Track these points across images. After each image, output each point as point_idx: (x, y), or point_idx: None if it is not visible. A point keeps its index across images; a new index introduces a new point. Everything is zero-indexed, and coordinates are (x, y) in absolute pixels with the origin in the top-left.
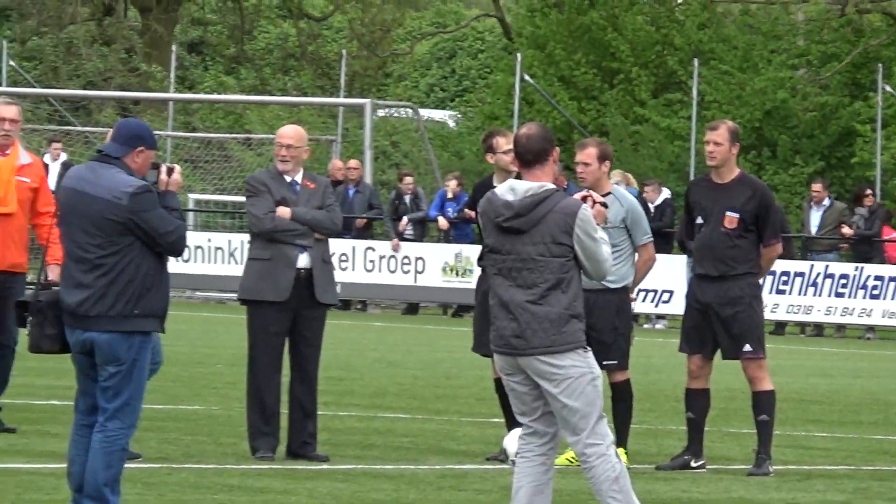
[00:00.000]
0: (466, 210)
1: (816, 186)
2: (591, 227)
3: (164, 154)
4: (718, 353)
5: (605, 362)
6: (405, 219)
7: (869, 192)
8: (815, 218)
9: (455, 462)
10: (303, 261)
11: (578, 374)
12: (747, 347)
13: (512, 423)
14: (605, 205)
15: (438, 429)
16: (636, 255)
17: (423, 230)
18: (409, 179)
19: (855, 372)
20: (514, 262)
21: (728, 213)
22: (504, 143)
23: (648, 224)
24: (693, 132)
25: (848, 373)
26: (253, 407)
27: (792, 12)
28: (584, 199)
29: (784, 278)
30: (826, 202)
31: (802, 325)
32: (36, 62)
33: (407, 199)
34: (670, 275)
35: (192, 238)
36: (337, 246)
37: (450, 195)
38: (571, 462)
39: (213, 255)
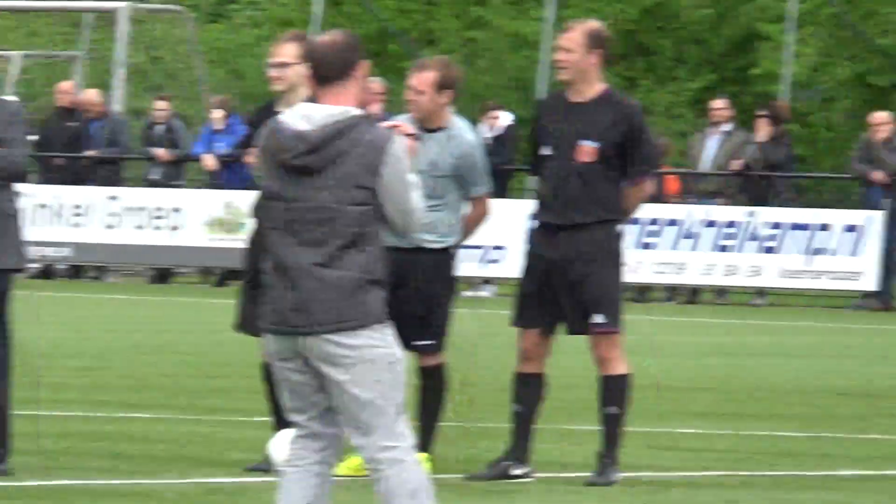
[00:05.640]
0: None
1: (718, 103)
2: (404, 167)
3: None
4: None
5: (415, 342)
6: (157, 153)
7: (772, 112)
8: (710, 148)
9: (226, 475)
10: None
11: (374, 357)
12: (598, 318)
13: (281, 422)
14: (417, 138)
15: (209, 432)
16: (466, 206)
17: (180, 172)
18: (162, 105)
19: (739, 349)
20: (301, 212)
21: (582, 143)
22: (293, 52)
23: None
24: (549, 39)
25: (729, 351)
26: None
27: None
28: (394, 129)
29: (653, 228)
30: (727, 127)
31: (673, 289)
32: None
33: (159, 130)
34: (503, 226)
35: None
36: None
37: (218, 126)
38: (358, 472)
39: None
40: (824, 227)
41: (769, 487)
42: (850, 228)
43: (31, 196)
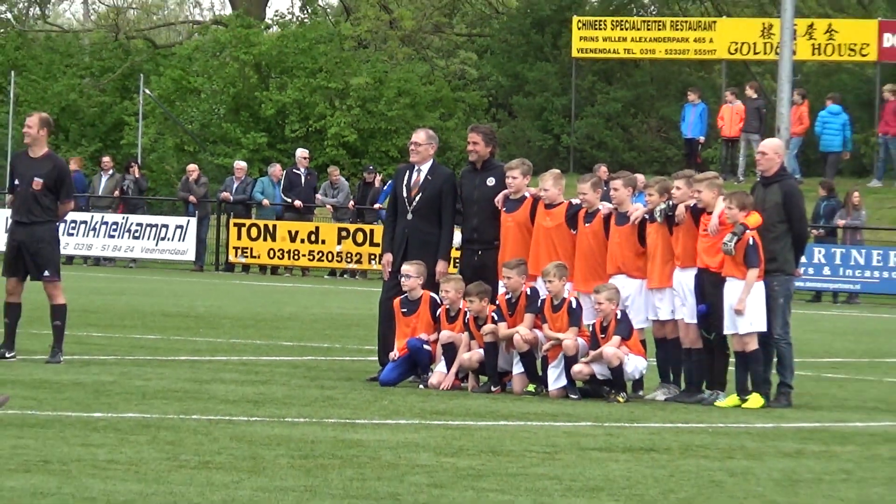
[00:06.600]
0: None
1: (106, 158)
2: None
3: None
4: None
5: None
6: None
7: (134, 163)
8: (103, 182)
9: None
10: None
11: None
12: (46, 273)
13: None
14: None
15: None
16: None
17: None
18: None
19: None
20: None
21: (36, 179)
22: None
23: None
24: (10, 127)
25: None
26: None
27: (81, 38)
28: None
29: None
30: (111, 172)
31: None
32: None
33: None
34: None
35: None
36: None
37: None
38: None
39: None
40: None
41: None
42: None
43: None
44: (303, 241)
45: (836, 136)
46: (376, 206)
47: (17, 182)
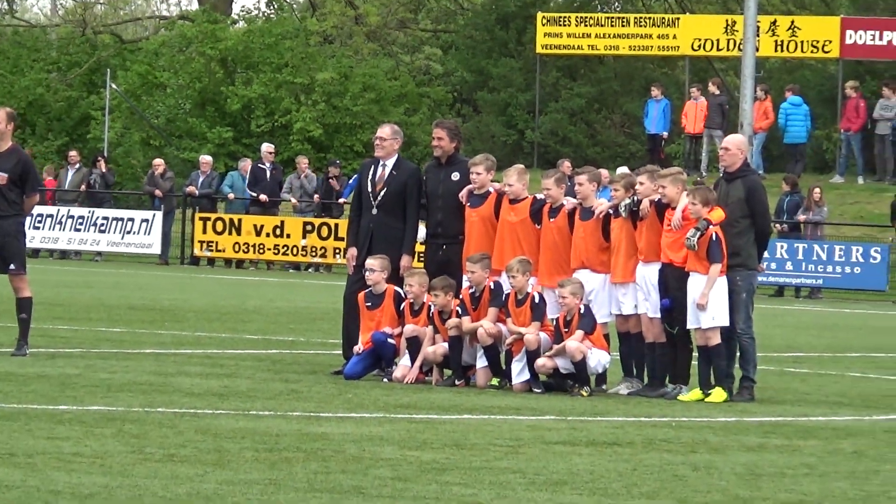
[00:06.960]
0: None
1: (73, 152)
2: None
3: None
4: None
5: None
6: None
7: (100, 158)
8: (70, 176)
9: None
10: None
11: None
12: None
13: None
14: None
15: None
16: None
17: None
18: None
19: None
20: None
21: (1, 173)
22: None
23: None
24: None
25: None
26: None
27: (48, 33)
28: None
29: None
30: (77, 166)
31: None
32: None
33: None
34: None
35: None
36: None
37: None
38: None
39: None
40: None
41: None
42: None
43: None
44: (268, 235)
45: (801, 126)
46: (341, 200)
47: None
